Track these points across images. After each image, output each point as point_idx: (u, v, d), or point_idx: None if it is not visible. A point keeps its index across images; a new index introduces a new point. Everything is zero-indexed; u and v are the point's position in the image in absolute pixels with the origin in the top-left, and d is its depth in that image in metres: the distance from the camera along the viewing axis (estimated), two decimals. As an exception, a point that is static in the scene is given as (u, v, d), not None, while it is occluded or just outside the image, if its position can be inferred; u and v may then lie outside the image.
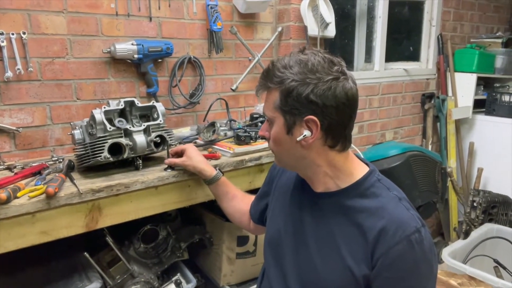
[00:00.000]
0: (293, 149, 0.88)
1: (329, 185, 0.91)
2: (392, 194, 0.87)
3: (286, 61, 0.85)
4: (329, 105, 0.82)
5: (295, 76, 0.82)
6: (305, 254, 0.92)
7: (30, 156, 1.45)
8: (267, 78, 0.87)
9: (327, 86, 0.81)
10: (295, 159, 0.91)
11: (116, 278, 1.33)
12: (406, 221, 0.82)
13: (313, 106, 0.82)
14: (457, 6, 3.04)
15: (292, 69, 0.83)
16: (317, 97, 0.81)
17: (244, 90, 2.00)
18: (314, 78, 0.81)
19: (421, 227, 0.82)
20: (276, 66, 0.86)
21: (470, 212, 2.71)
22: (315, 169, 0.90)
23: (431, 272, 0.84)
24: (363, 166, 0.93)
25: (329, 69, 0.82)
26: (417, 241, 0.80)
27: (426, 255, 0.82)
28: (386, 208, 0.84)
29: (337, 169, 0.90)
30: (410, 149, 2.33)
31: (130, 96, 1.64)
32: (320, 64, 0.82)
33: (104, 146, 1.19)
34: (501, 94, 2.94)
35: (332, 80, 0.82)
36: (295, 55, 0.86)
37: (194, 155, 1.26)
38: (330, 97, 0.82)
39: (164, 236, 1.48)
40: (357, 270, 0.83)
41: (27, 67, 1.39)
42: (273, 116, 0.88)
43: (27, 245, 1.06)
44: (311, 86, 0.81)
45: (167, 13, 1.69)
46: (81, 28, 1.49)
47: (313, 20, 1.97)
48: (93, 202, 1.14)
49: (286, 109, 0.85)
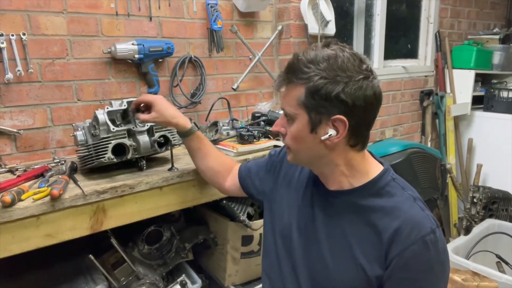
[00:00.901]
0: (315, 147, 0.85)
1: (343, 183, 0.90)
2: (407, 194, 0.86)
3: (312, 56, 0.80)
4: (358, 105, 0.79)
5: (323, 73, 0.78)
6: (317, 252, 0.91)
7: (31, 159, 1.44)
8: (292, 73, 0.82)
9: (358, 85, 0.78)
10: (313, 157, 0.89)
11: (121, 280, 1.32)
12: (421, 222, 0.81)
13: (342, 105, 0.79)
14: (454, 3, 3.05)
15: (320, 65, 0.79)
16: (348, 96, 0.78)
17: (245, 89, 1.99)
18: (344, 76, 0.78)
19: (436, 228, 0.81)
20: (302, 61, 0.81)
21: (470, 208, 2.72)
22: (333, 167, 0.89)
23: (444, 274, 0.83)
24: (377, 165, 0.92)
25: (360, 67, 0.79)
26: (432, 242, 0.79)
27: (440, 256, 0.81)
28: (401, 208, 0.83)
29: (354, 168, 0.88)
30: (410, 146, 2.34)
31: (131, 96, 1.63)
32: (350, 61, 0.79)
33: (107, 147, 1.18)
34: (499, 90, 2.95)
35: (363, 79, 0.79)
36: (321, 50, 0.81)
37: (165, 108, 1.15)
38: (361, 97, 0.79)
39: (168, 237, 1.47)
40: (370, 270, 0.83)
41: (27, 68, 1.37)
42: (295, 112, 0.84)
43: (31, 248, 1.04)
44: (341, 84, 0.78)
45: (167, 12, 1.68)
46: (81, 28, 1.48)
47: (314, 18, 1.97)
48: (98, 203, 1.13)
49: (312, 106, 0.81)
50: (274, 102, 2.07)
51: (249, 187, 1.16)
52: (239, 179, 1.19)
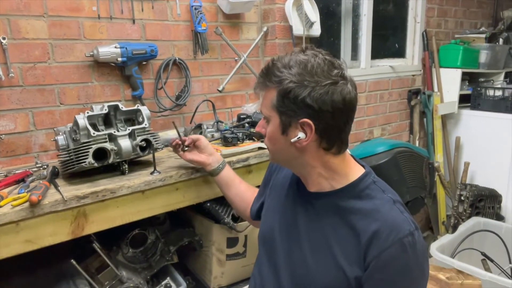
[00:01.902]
0: (287, 149, 0.89)
1: (323, 185, 0.91)
2: (387, 197, 0.87)
3: (286, 61, 0.83)
4: (325, 109, 0.81)
5: (293, 77, 0.81)
6: (298, 253, 0.92)
7: (14, 163, 1.43)
8: (266, 76, 0.87)
9: (325, 90, 0.80)
10: (289, 158, 0.92)
11: (105, 285, 1.31)
12: (399, 224, 0.82)
13: (309, 109, 0.81)
14: (441, 3, 3.07)
15: (291, 70, 0.82)
16: (314, 101, 0.80)
17: (231, 90, 1.99)
18: (312, 81, 0.80)
19: (414, 230, 0.82)
20: (276, 65, 0.84)
21: (458, 206, 2.75)
22: (309, 169, 0.90)
23: (422, 276, 0.84)
24: (359, 168, 0.93)
25: (329, 73, 0.81)
26: (410, 244, 0.80)
27: (419, 259, 0.82)
28: (380, 211, 0.84)
29: (332, 171, 0.90)
30: (397, 146, 2.35)
31: (115, 99, 1.62)
32: (320, 66, 0.81)
33: (88, 151, 1.17)
34: (486, 89, 2.98)
35: (330, 84, 0.80)
36: (296, 55, 0.84)
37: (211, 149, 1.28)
38: (327, 102, 0.81)
39: (152, 240, 1.46)
40: (350, 271, 0.84)
41: (8, 72, 1.36)
42: (270, 115, 0.88)
43: (11, 254, 1.04)
44: (308, 89, 0.80)
45: (151, 15, 1.68)
46: (62, 32, 1.47)
47: (298, 19, 1.97)
48: (79, 208, 1.13)
49: (282, 109, 0.84)
50: (260, 103, 2.07)
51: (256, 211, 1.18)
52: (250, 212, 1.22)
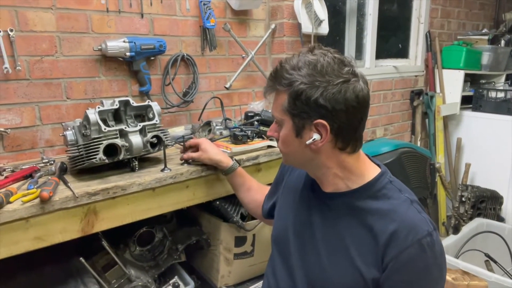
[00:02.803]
0: (302, 151, 0.87)
1: (339, 185, 0.90)
2: (404, 197, 0.86)
3: (294, 62, 0.82)
4: (339, 108, 0.80)
5: (303, 79, 0.80)
6: (313, 254, 0.91)
7: (19, 158, 1.40)
8: (275, 79, 0.85)
9: (337, 89, 0.79)
10: (304, 161, 0.91)
11: (113, 283, 1.29)
12: (418, 225, 0.81)
13: (322, 110, 0.80)
14: (444, 3, 3.08)
15: (300, 71, 0.81)
16: (326, 100, 0.79)
17: (238, 88, 1.97)
18: (323, 81, 0.79)
19: (432, 230, 0.81)
20: (285, 67, 0.83)
21: (458, 206, 2.76)
22: (325, 170, 0.89)
23: (441, 276, 0.84)
24: (374, 167, 0.92)
25: (339, 71, 0.80)
26: (429, 244, 0.79)
27: (437, 259, 0.81)
28: (397, 211, 0.83)
29: (348, 170, 0.88)
30: (401, 146, 2.35)
31: (122, 95, 1.60)
32: (330, 65, 0.80)
33: (99, 147, 1.15)
34: (488, 91, 2.99)
35: (342, 83, 0.79)
36: (303, 55, 0.83)
37: (209, 148, 1.26)
38: (340, 101, 0.80)
39: (160, 238, 1.45)
40: (367, 272, 0.82)
41: (15, 65, 1.33)
42: (282, 118, 0.87)
43: (21, 251, 1.02)
44: (320, 89, 0.79)
45: (159, 9, 1.65)
46: (70, 25, 1.44)
47: (307, 17, 1.95)
48: (89, 205, 1.11)
49: (295, 112, 0.83)
50: (267, 101, 2.05)
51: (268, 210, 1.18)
52: (262, 210, 1.22)
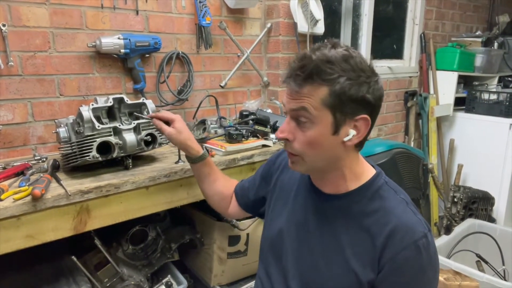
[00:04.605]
0: (333, 150, 0.83)
1: (340, 187, 0.89)
2: (400, 198, 0.86)
3: (329, 56, 0.77)
4: (378, 105, 0.82)
5: (347, 74, 0.77)
6: (309, 256, 0.90)
7: (11, 155, 1.38)
8: (315, 73, 0.77)
9: (378, 85, 0.81)
10: (328, 161, 0.85)
11: (105, 282, 1.28)
12: (414, 226, 0.81)
13: (367, 105, 0.80)
14: (439, 5, 3.09)
15: (341, 65, 0.77)
16: (371, 96, 0.79)
17: (233, 86, 1.96)
18: (365, 76, 0.78)
19: (427, 232, 0.81)
20: (322, 60, 0.77)
21: (451, 207, 2.78)
22: (339, 171, 0.87)
23: (434, 277, 0.84)
24: (370, 168, 0.92)
25: (371, 68, 0.81)
26: (424, 246, 0.79)
27: (432, 260, 0.82)
28: (394, 212, 0.83)
29: (352, 171, 0.88)
30: (395, 146, 2.36)
31: (116, 92, 1.59)
32: (364, 62, 0.80)
33: (92, 145, 1.14)
34: (481, 92, 3.01)
35: (378, 79, 0.81)
36: (332, 49, 0.78)
37: (184, 130, 1.14)
38: (380, 97, 0.82)
39: (153, 237, 1.43)
40: (363, 274, 0.82)
41: (7, 61, 1.31)
42: (318, 114, 0.79)
43: (12, 249, 1.00)
44: (365, 85, 0.78)
45: (155, 6, 1.64)
46: (64, 20, 1.42)
47: (303, 16, 1.95)
48: (82, 203, 1.10)
49: (338, 107, 0.78)
50: (262, 100, 2.05)
51: (246, 203, 1.17)
52: (236, 198, 1.20)
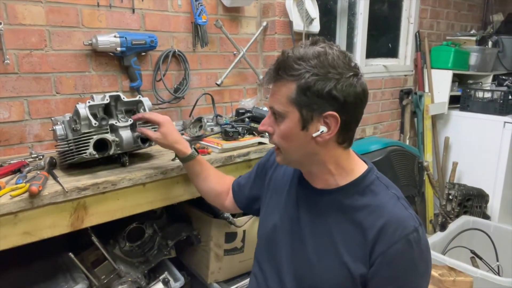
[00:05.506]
0: (306, 145, 0.85)
1: (329, 182, 0.90)
2: (391, 193, 0.87)
3: (302, 53, 0.80)
4: (349, 101, 0.80)
5: (315, 70, 0.78)
6: (301, 251, 0.91)
7: (7, 153, 1.39)
8: (282, 69, 0.81)
9: (349, 82, 0.79)
10: (304, 156, 0.88)
11: (102, 278, 1.29)
12: (405, 220, 0.82)
13: (334, 101, 0.80)
14: (433, 4, 3.11)
15: (310, 62, 0.79)
16: (339, 92, 0.79)
17: (229, 85, 1.97)
18: (336, 73, 0.78)
19: (418, 226, 0.82)
20: (292, 57, 0.80)
21: (446, 204, 2.80)
22: (322, 166, 0.89)
23: (426, 271, 0.85)
24: (362, 164, 0.93)
25: (349, 65, 0.80)
26: (416, 240, 0.80)
27: (423, 254, 0.83)
28: (385, 207, 0.84)
29: (340, 167, 0.89)
30: (390, 144, 2.38)
31: (113, 90, 1.59)
32: (340, 58, 0.80)
33: (89, 142, 1.14)
34: (475, 91, 3.04)
35: (353, 76, 0.80)
36: (309, 47, 0.81)
37: (170, 132, 1.16)
38: (351, 94, 0.80)
39: (150, 234, 1.44)
40: (354, 268, 0.83)
41: (4, 59, 1.32)
42: (286, 110, 0.83)
43: (9, 246, 1.00)
44: (333, 81, 0.78)
45: (151, 5, 1.64)
46: (60, 19, 1.43)
47: (298, 15, 1.96)
48: (79, 200, 1.10)
49: (304, 103, 0.80)
50: (258, 99, 2.06)
51: (242, 201, 1.18)
52: (233, 195, 1.21)
